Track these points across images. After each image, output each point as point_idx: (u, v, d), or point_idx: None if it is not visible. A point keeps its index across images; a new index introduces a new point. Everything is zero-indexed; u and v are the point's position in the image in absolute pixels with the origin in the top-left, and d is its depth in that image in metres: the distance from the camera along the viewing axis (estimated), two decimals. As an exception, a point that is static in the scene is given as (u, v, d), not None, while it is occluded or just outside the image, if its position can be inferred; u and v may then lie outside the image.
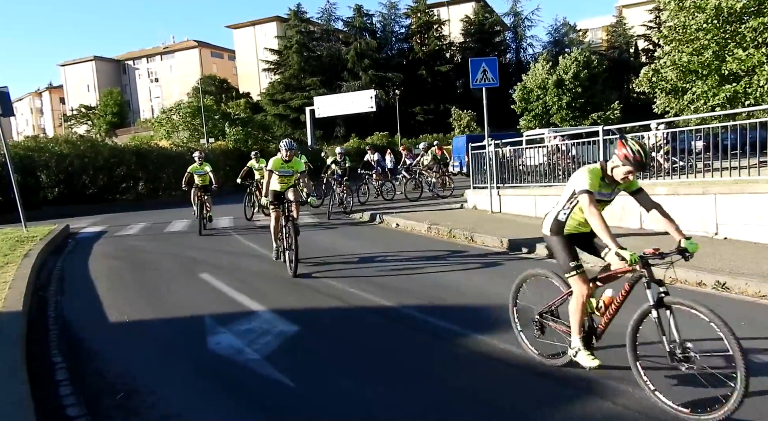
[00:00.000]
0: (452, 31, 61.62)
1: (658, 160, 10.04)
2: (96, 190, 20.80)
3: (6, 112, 12.20)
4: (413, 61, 58.36)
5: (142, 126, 64.10)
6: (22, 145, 21.85)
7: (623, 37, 61.93)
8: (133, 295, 6.75)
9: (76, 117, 73.25)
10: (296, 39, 56.69)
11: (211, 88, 59.67)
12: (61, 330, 5.44)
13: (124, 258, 9.34)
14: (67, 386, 4.02)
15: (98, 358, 4.60)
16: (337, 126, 52.21)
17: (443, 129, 49.70)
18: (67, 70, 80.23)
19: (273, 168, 7.96)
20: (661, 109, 17.94)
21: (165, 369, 4.34)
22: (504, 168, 12.20)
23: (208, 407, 3.61)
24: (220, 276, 7.40)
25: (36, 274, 7.82)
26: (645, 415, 3.15)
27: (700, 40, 15.35)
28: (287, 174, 8.10)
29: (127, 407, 3.63)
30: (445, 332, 4.82)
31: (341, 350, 4.64)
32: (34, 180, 19.22)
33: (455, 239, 9.62)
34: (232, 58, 75.73)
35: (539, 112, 41.75)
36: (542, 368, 3.92)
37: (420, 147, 17.77)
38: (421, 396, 3.62)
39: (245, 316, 5.56)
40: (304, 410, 3.53)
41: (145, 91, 78.91)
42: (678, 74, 16.33)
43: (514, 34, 63.37)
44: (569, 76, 41.24)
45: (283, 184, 8.13)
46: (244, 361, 4.36)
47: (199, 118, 40.10)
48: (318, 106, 39.49)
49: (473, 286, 6.40)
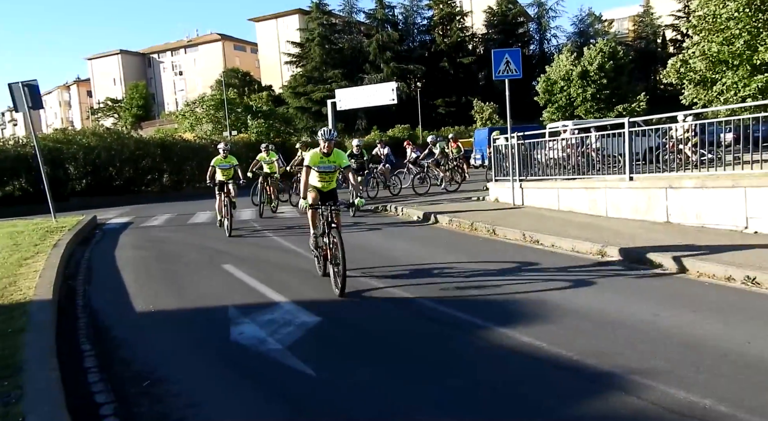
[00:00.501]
0: (475, 22, 61.02)
1: (686, 152, 9.82)
2: (122, 182, 21.17)
3: (35, 105, 12.46)
4: (435, 52, 57.98)
5: (167, 119, 65.00)
6: (51, 137, 22.30)
7: (650, 27, 60.68)
8: (158, 285, 6.87)
9: (103, 110, 74.59)
10: (318, 31, 56.73)
11: (234, 81, 60.18)
12: (89, 318, 5.57)
13: (149, 249, 9.50)
14: (95, 373, 4.12)
15: (125, 346, 4.70)
16: (359, 119, 52.19)
17: (465, 121, 49.37)
18: (94, 64, 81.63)
19: (311, 163, 6.47)
20: (689, 100, 17.57)
21: (189, 358, 4.41)
22: (526, 161, 12.07)
23: (231, 395, 3.66)
24: (243, 267, 7.48)
25: (65, 263, 8.00)
26: (671, 411, 3.10)
27: (730, 29, 14.95)
28: (329, 170, 6.63)
29: (153, 394, 3.70)
30: (467, 324, 4.80)
31: (363, 341, 4.66)
32: (63, 172, 19.64)
33: (476, 232, 9.58)
34: (255, 51, 76.20)
35: (563, 104, 41.16)
36: (565, 361, 3.88)
37: (429, 140, 17.44)
38: (442, 388, 3.61)
39: (268, 307, 5.61)
40: (326, 399, 3.55)
41: (169, 84, 79.92)
42: (707, 65, 15.95)
43: (537, 25, 62.53)
44: (594, 67, 40.52)
45: (324, 184, 6.71)
46: (267, 351, 4.41)
47: (222, 111, 40.51)
48: (339, 98, 39.43)
49: (491, 279, 6.36)
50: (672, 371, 3.55)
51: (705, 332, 4.25)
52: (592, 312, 4.91)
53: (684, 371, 3.55)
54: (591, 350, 3.99)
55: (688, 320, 4.55)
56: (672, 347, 3.98)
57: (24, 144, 19.80)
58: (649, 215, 8.82)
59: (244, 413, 3.43)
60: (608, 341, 4.18)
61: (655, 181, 9.01)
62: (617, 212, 9.42)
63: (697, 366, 3.61)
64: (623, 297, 5.33)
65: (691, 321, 4.53)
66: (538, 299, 5.42)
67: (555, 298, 5.41)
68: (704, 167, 8.75)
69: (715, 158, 8.92)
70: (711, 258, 6.06)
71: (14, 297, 5.72)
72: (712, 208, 7.89)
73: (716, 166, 8.54)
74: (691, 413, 3.05)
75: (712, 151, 9.22)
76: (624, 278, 6.04)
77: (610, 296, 5.37)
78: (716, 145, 8.68)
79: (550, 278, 6.20)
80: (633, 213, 9.12)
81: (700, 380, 3.41)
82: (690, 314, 4.71)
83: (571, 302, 5.25)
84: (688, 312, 4.75)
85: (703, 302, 5.02)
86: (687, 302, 5.01)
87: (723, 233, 7.42)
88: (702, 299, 5.15)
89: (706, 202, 7.99)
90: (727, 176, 7.92)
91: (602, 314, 4.84)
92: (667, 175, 9.02)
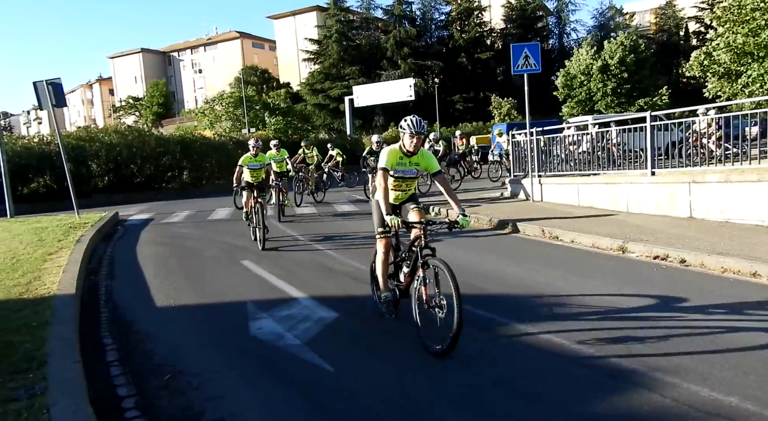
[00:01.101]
0: (493, 17, 60.57)
1: (710, 146, 9.63)
2: (143, 178, 21.44)
3: (59, 102, 12.67)
4: (453, 48, 57.66)
5: (186, 116, 65.72)
6: (74, 135, 22.67)
7: (673, 19, 59.57)
8: (178, 280, 6.94)
9: (124, 108, 75.66)
10: (336, 28, 56.79)
11: (252, 78, 60.59)
12: (111, 313, 5.65)
13: (169, 245, 9.61)
14: (117, 366, 4.17)
15: (146, 340, 4.76)
16: (376, 115, 52.19)
17: (483, 117, 49.05)
18: (116, 63, 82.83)
19: (388, 165, 4.51)
20: (713, 93, 17.24)
21: (209, 352, 4.44)
22: (546, 156, 11.95)
23: (251, 389, 3.68)
24: (262, 263, 7.53)
25: (88, 259, 8.12)
26: (695, 408, 3.04)
27: (756, 20, 14.62)
28: (409, 176, 4.71)
29: (174, 388, 3.74)
30: (485, 320, 4.77)
31: (380, 336, 4.65)
32: (86, 169, 19.95)
33: (499, 229, 9.51)
34: (273, 49, 76.59)
35: (582, 98, 40.64)
36: (585, 358, 3.83)
37: (431, 137, 16.97)
38: (459, 384, 3.59)
39: (286, 302, 5.64)
40: (344, 393, 3.56)
41: (189, 81, 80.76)
42: (732, 57, 15.64)
43: (557, 19, 61.82)
44: (615, 61, 39.93)
45: (400, 193, 4.81)
46: (285, 346, 4.43)
47: (240, 109, 40.79)
48: (357, 95, 39.52)
49: (513, 275, 6.31)
50: (696, 368, 3.49)
51: (727, 328, 4.17)
52: (613, 308, 4.84)
53: (708, 367, 3.48)
54: (612, 347, 3.93)
55: (710, 317, 4.47)
56: (695, 343, 3.91)
57: (48, 142, 20.17)
58: (671, 211, 8.67)
59: (263, 407, 3.45)
60: (629, 337, 4.12)
61: (678, 176, 8.85)
62: (638, 208, 9.28)
63: (722, 364, 3.54)
64: (645, 293, 5.24)
65: (711, 317, 4.45)
66: (556, 295, 5.37)
67: (575, 294, 5.35)
68: (728, 161, 8.57)
69: (740, 152, 8.73)
70: (736, 254, 5.94)
71: (39, 291, 5.82)
72: (736, 203, 7.73)
73: (741, 160, 8.35)
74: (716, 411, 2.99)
75: (736, 145, 9.03)
76: (645, 274, 5.95)
77: (633, 292, 5.29)
78: (741, 139, 8.50)
79: (566, 272, 6.13)
80: (655, 209, 8.98)
81: (726, 378, 3.34)
82: (721, 313, 4.62)
83: (594, 298, 5.18)
84: (709, 308, 4.66)
85: (728, 298, 4.92)
86: (710, 298, 4.91)
87: (748, 228, 7.26)
88: (727, 295, 5.05)
89: (730, 197, 7.83)
90: (753, 170, 7.75)
91: (627, 310, 4.77)
92: (690, 169, 8.86)
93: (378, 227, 4.59)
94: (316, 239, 9.34)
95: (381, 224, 4.55)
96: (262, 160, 9.89)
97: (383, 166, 4.50)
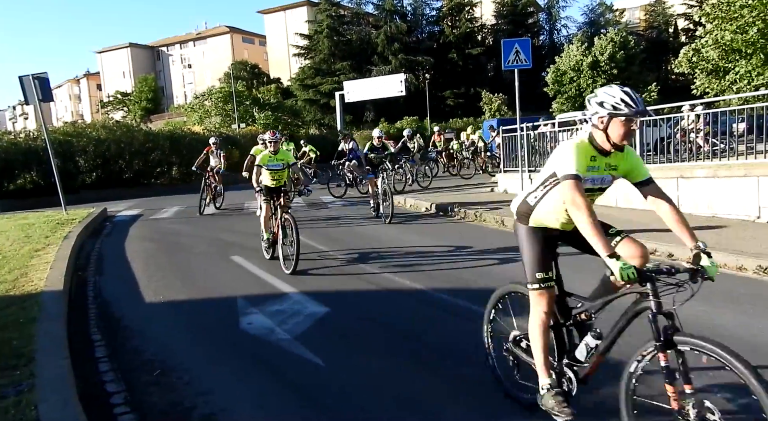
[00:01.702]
0: (484, 12, 60.53)
1: (698, 142, 9.72)
2: (132, 174, 21.27)
3: (46, 97, 12.51)
4: (444, 44, 57.60)
5: (176, 112, 65.23)
6: (61, 130, 22.43)
7: (662, 16, 59.89)
8: (167, 276, 6.90)
9: (113, 103, 74.91)
10: (326, 23, 56.52)
11: (242, 73, 60.16)
12: (99, 309, 5.61)
13: (158, 240, 9.55)
14: (105, 362, 4.15)
15: (135, 336, 4.73)
16: (367, 111, 52.05)
17: (474, 113, 49.10)
18: (104, 57, 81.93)
19: (580, 169, 2.66)
20: (701, 90, 17.37)
21: (199, 348, 4.43)
22: (536, 152, 12.01)
23: (241, 384, 3.68)
24: (252, 258, 7.50)
25: (76, 255, 8.06)
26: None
27: (744, 17, 14.74)
28: (601, 186, 2.95)
29: (164, 383, 3.73)
30: (476, 314, 4.78)
31: (371, 331, 4.66)
32: (73, 165, 19.74)
33: (485, 223, 9.55)
34: (263, 44, 76.11)
35: (573, 94, 40.81)
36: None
37: (405, 133, 16.91)
38: (451, 377, 3.61)
39: (276, 297, 5.63)
40: (335, 388, 3.56)
41: (178, 77, 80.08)
42: (720, 53, 15.76)
43: (548, 15, 61.91)
44: (605, 57, 40.12)
45: None
46: (276, 340, 4.42)
47: (230, 104, 40.56)
48: (347, 90, 39.34)
49: (503, 270, 6.34)
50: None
51: (720, 322, 4.22)
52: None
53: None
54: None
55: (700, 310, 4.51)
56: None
57: (35, 137, 19.95)
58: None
59: (253, 402, 3.44)
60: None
61: (666, 171, 8.92)
62: (628, 203, 9.35)
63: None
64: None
65: (703, 311, 4.49)
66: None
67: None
68: (716, 157, 8.66)
69: (728, 148, 8.83)
70: (723, 248, 6.00)
71: (26, 288, 5.77)
72: (723, 197, 7.81)
73: (728, 155, 8.45)
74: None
75: (724, 141, 9.13)
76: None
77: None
78: (728, 135, 8.58)
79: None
80: (644, 204, 9.01)
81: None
82: (705, 305, 4.66)
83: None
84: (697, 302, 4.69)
85: (714, 293, 4.97)
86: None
87: (735, 223, 7.34)
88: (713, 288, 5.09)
89: (717, 191, 7.91)
90: (740, 166, 7.84)
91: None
92: (678, 164, 8.94)
93: (536, 270, 2.83)
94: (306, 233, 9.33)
95: (541, 267, 2.83)
96: (285, 159, 7.56)
97: (573, 172, 2.60)
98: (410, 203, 12.31)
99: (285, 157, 7.59)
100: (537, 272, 2.77)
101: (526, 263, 2.84)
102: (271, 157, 7.45)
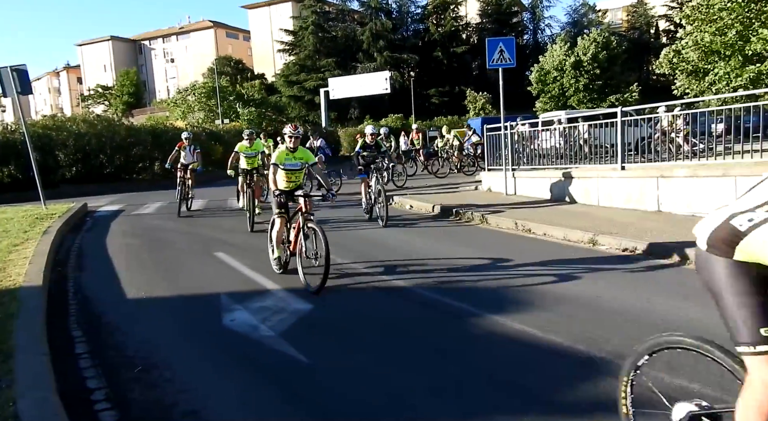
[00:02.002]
0: (469, 11, 60.69)
1: (678, 142, 9.88)
2: (113, 169, 21.01)
3: (24, 90, 12.28)
4: (429, 42, 57.65)
5: (158, 106, 64.36)
6: (40, 124, 22.09)
7: (644, 17, 60.65)
8: (149, 272, 6.84)
9: (93, 97, 73.77)
10: (311, 19, 56.21)
11: (226, 68, 59.71)
12: (80, 305, 5.54)
13: (140, 236, 9.45)
14: (86, 359, 4.10)
15: (117, 332, 4.68)
16: (352, 108, 51.94)
17: (458, 111, 49.24)
18: (84, 51, 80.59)
19: None
20: (681, 90, 17.63)
21: (182, 344, 4.40)
22: (519, 150, 12.09)
23: (224, 381, 3.66)
24: (235, 255, 7.46)
25: (55, 250, 7.94)
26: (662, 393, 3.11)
27: (723, 19, 15.00)
28: None
29: (145, 380, 3.70)
30: (461, 311, 4.82)
31: (356, 327, 4.66)
32: (53, 159, 19.45)
33: (470, 222, 9.60)
34: (248, 39, 75.50)
35: (556, 94, 41.19)
36: (562, 349, 3.89)
37: (382, 132, 16.26)
38: (437, 374, 3.63)
39: (260, 294, 5.61)
40: (319, 385, 3.56)
41: (161, 71, 79.09)
42: (700, 55, 16.01)
43: (532, 15, 62.35)
44: (587, 57, 40.56)
45: None
46: (260, 337, 4.41)
47: (214, 99, 40.18)
48: (332, 87, 39.29)
49: (487, 267, 6.39)
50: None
51: (698, 318, 4.29)
52: (584, 299, 4.94)
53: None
54: (583, 336, 4.02)
55: (678, 306, 4.59)
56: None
57: (13, 130, 19.59)
58: (641, 205, 8.86)
59: (236, 398, 3.43)
60: (600, 328, 4.21)
61: (647, 170, 9.05)
62: (609, 201, 9.47)
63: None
64: (616, 285, 5.36)
65: (682, 307, 4.57)
66: (529, 287, 5.45)
67: (548, 286, 5.44)
68: (695, 157, 8.80)
69: (707, 148, 8.99)
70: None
71: (4, 283, 5.68)
72: (702, 197, 7.94)
73: (707, 155, 8.59)
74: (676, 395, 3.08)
75: (703, 141, 9.29)
76: (616, 266, 6.08)
77: (604, 284, 5.40)
78: (707, 135, 8.74)
79: (542, 267, 6.23)
80: (625, 202, 9.17)
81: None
82: (682, 301, 4.75)
83: (567, 289, 5.28)
84: (680, 300, 4.78)
85: (693, 289, 5.06)
86: (680, 290, 5.05)
87: (713, 223, 7.46)
88: (693, 285, 5.19)
89: (697, 191, 8.04)
90: (718, 166, 7.97)
91: (597, 301, 4.87)
92: (658, 164, 9.07)
93: (761, 324, 2.00)
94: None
95: None
96: (305, 158, 6.86)
97: None
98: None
99: (305, 155, 6.54)
100: (763, 327, 1.90)
101: (737, 314, 1.96)
102: (289, 155, 6.36)
